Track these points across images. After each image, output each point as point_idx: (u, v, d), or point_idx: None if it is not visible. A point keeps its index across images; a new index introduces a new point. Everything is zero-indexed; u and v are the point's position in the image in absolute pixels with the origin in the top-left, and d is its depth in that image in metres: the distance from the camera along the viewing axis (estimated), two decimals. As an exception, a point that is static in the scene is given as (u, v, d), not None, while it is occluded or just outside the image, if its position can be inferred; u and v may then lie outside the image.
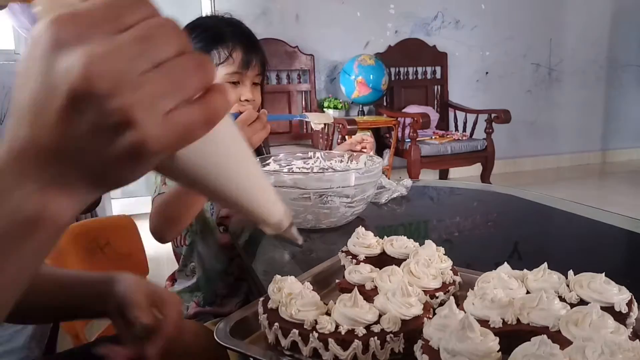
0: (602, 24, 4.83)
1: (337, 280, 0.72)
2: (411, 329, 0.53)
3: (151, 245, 1.41)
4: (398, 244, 0.75)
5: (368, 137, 1.34)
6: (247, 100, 1.21)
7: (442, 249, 0.72)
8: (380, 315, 0.55)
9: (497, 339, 0.47)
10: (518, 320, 0.53)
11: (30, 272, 0.32)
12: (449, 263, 0.70)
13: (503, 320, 0.53)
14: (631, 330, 0.54)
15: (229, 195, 0.40)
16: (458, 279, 0.68)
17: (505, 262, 0.66)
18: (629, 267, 0.94)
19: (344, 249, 0.78)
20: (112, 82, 0.27)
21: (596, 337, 0.44)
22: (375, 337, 0.52)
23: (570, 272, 0.61)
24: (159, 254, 1.30)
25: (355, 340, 0.52)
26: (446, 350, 0.46)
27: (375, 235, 0.79)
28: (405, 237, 0.77)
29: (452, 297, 0.63)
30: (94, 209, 1.89)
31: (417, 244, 0.75)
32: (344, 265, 0.76)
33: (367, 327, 0.53)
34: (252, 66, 1.22)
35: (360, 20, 4.06)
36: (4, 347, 1.02)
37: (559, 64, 4.77)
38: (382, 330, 0.53)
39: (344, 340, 0.52)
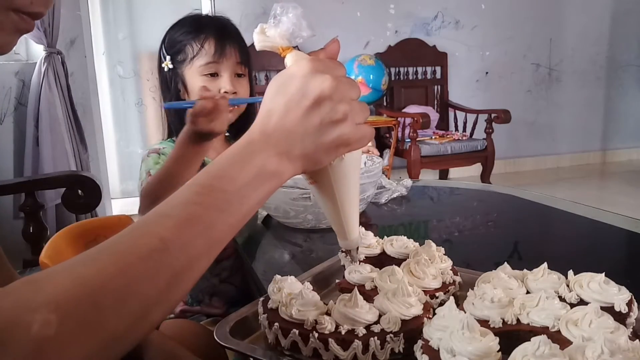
0: (602, 24, 4.83)
1: (337, 280, 0.72)
2: (411, 329, 0.53)
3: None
4: (398, 244, 0.75)
5: (375, 150, 1.32)
6: (226, 92, 1.14)
7: (442, 249, 0.72)
8: (380, 315, 0.55)
9: (497, 339, 0.47)
10: (518, 320, 0.53)
11: (254, 212, 0.47)
12: (449, 263, 0.70)
13: (503, 320, 0.53)
14: (631, 330, 0.54)
15: (344, 208, 0.55)
16: (458, 279, 0.68)
17: (506, 262, 0.66)
18: (629, 267, 0.94)
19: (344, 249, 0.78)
20: (342, 96, 0.48)
21: (596, 337, 0.44)
22: (375, 337, 0.52)
23: (570, 272, 0.61)
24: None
25: (356, 340, 0.52)
26: (446, 350, 0.46)
27: (375, 235, 0.79)
28: (405, 237, 0.77)
29: (452, 297, 0.63)
30: (94, 209, 1.89)
31: (417, 244, 0.75)
32: (343, 265, 0.76)
33: (367, 327, 0.53)
34: (228, 55, 1.16)
35: (360, 20, 4.06)
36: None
37: (559, 64, 4.77)
38: (382, 330, 0.53)
39: (344, 340, 0.52)
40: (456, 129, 4.03)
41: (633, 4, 4.83)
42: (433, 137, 3.76)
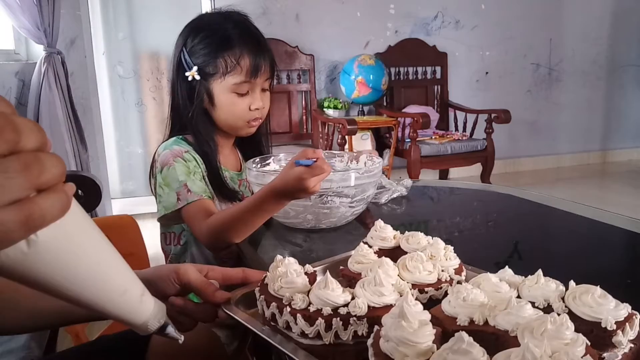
0: (602, 24, 4.84)
1: (341, 267, 0.72)
2: (377, 316, 0.55)
3: (152, 245, 1.41)
4: (413, 240, 0.76)
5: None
6: (257, 108, 1.15)
7: (450, 247, 0.72)
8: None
9: (434, 332, 0.48)
10: (487, 322, 0.53)
11: None
12: (454, 262, 0.70)
13: (472, 320, 0.53)
14: (627, 350, 0.51)
15: (78, 300, 0.38)
16: (458, 277, 0.68)
17: (507, 266, 0.65)
18: (630, 267, 0.94)
19: (365, 240, 0.79)
20: None
21: (540, 345, 0.43)
22: (338, 318, 0.55)
23: (572, 283, 0.59)
24: (160, 254, 1.30)
25: (319, 318, 0.55)
26: (385, 336, 0.48)
27: (394, 230, 0.80)
28: (423, 233, 0.77)
29: (409, 290, 0.63)
30: (94, 209, 1.89)
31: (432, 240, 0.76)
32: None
33: (335, 309, 0.57)
34: (262, 73, 1.15)
35: (360, 20, 4.06)
36: (4, 347, 1.02)
37: (559, 64, 4.78)
38: (348, 313, 0.56)
39: (310, 317, 0.56)
40: (456, 129, 4.03)
41: (633, 4, 4.84)
42: (433, 137, 3.76)
